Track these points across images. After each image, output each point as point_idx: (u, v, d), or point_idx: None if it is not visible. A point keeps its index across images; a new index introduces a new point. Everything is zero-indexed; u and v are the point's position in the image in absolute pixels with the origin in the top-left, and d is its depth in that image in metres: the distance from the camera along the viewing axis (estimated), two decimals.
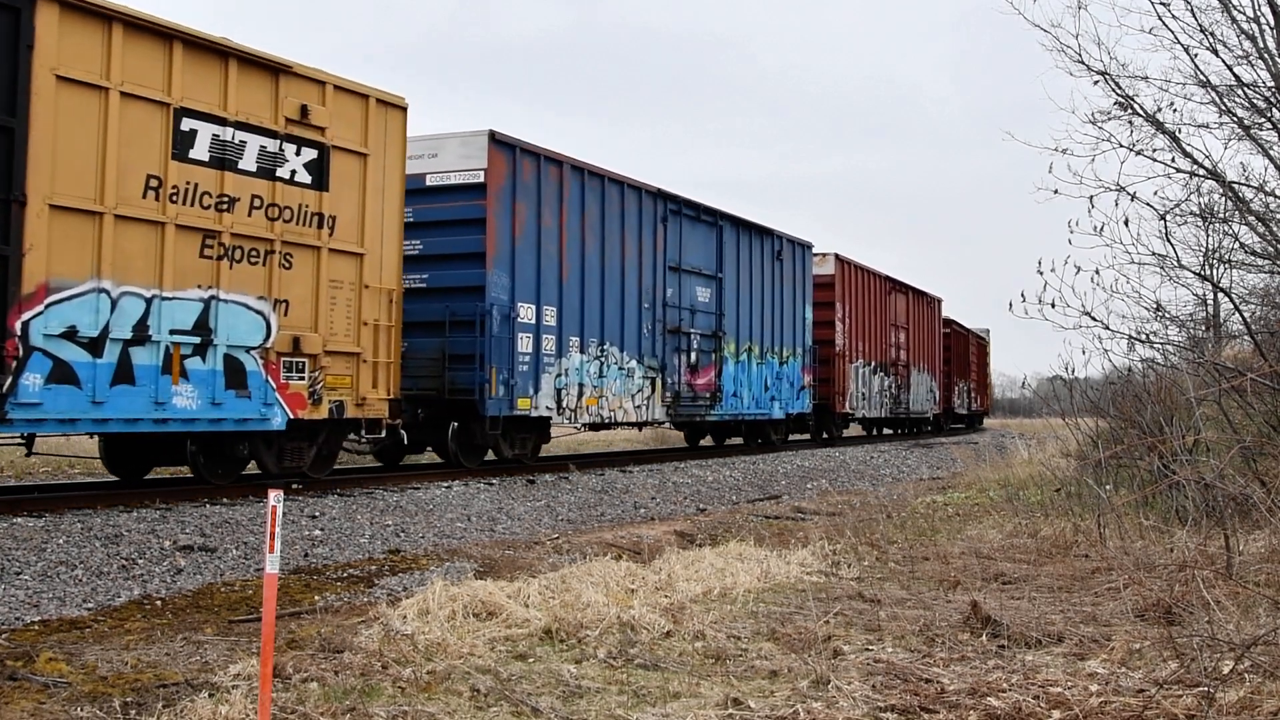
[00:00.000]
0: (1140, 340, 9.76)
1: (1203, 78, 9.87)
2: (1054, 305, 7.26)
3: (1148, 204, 8.70)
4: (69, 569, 7.48)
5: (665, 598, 6.95)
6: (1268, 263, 11.99)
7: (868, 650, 5.69)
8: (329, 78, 11.33)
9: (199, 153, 10.10)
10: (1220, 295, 13.64)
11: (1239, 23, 9.46)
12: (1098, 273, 7.67)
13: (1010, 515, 11.09)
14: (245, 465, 11.57)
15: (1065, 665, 5.31)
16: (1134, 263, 8.88)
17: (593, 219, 16.05)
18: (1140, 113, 9.63)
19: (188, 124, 10.00)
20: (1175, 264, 10.93)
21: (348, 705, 4.56)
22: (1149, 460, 9.65)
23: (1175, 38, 9.59)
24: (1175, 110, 10.98)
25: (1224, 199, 10.73)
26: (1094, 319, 7.50)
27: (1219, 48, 9.59)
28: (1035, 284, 7.33)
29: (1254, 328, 10.69)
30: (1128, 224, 11.66)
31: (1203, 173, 9.80)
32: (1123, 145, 9.45)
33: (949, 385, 37.34)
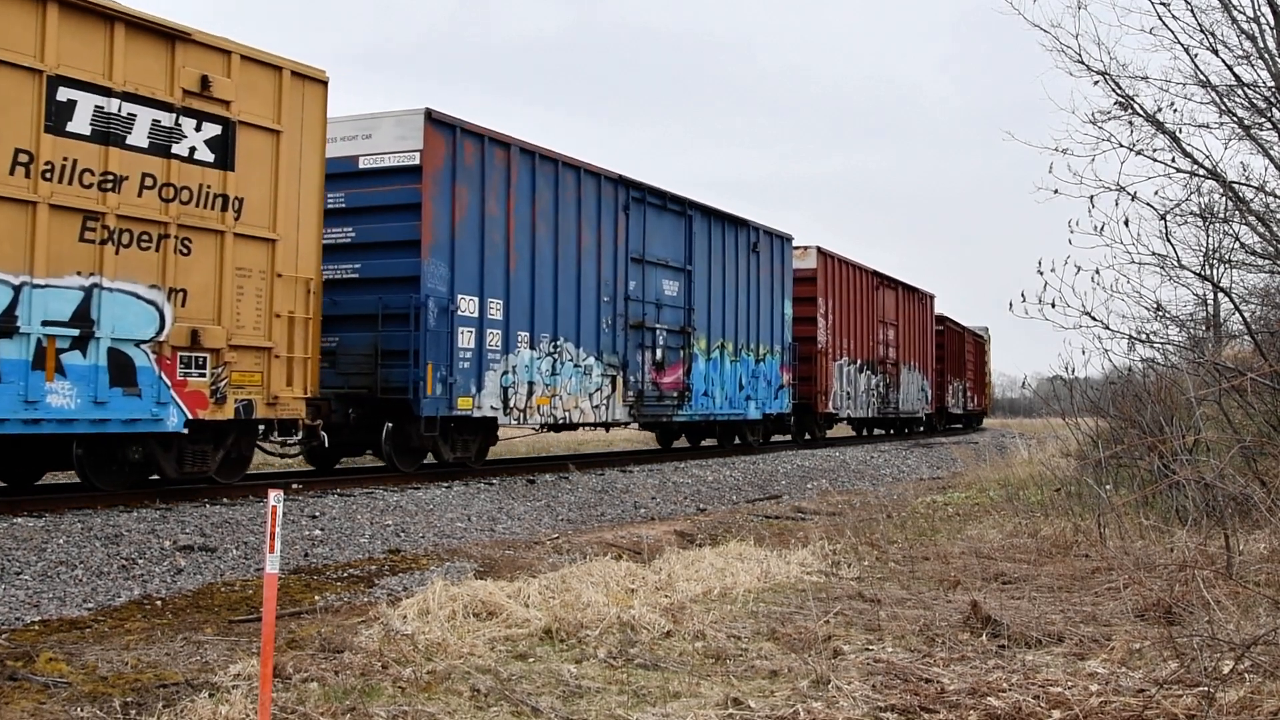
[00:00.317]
0: (1140, 340, 9.78)
1: (1203, 78, 9.88)
2: (1054, 305, 7.28)
3: (1148, 204, 8.72)
4: (69, 569, 7.48)
5: (665, 598, 6.95)
6: (1268, 263, 11.99)
7: (868, 650, 5.69)
8: (235, 46, 10.36)
9: (79, 126, 9.14)
10: (1220, 295, 13.65)
11: (1239, 23, 9.47)
12: (1098, 273, 7.69)
13: (1010, 515, 11.09)
14: (142, 471, 10.67)
15: (1065, 665, 5.31)
16: (1134, 263, 8.91)
17: (545, 206, 14.96)
18: (1140, 113, 9.63)
19: (65, 94, 9.04)
20: (1175, 264, 10.94)
21: (348, 705, 4.56)
22: (1149, 460, 9.66)
23: (1175, 38, 9.60)
24: (1175, 110, 10.98)
25: (1224, 199, 10.74)
26: (1094, 319, 7.51)
27: (1219, 48, 9.60)
28: (1035, 284, 7.34)
29: (1254, 328, 10.70)
30: (1128, 224, 11.67)
31: (1203, 173, 9.80)
32: (1123, 145, 9.46)
33: (942, 384, 36.38)
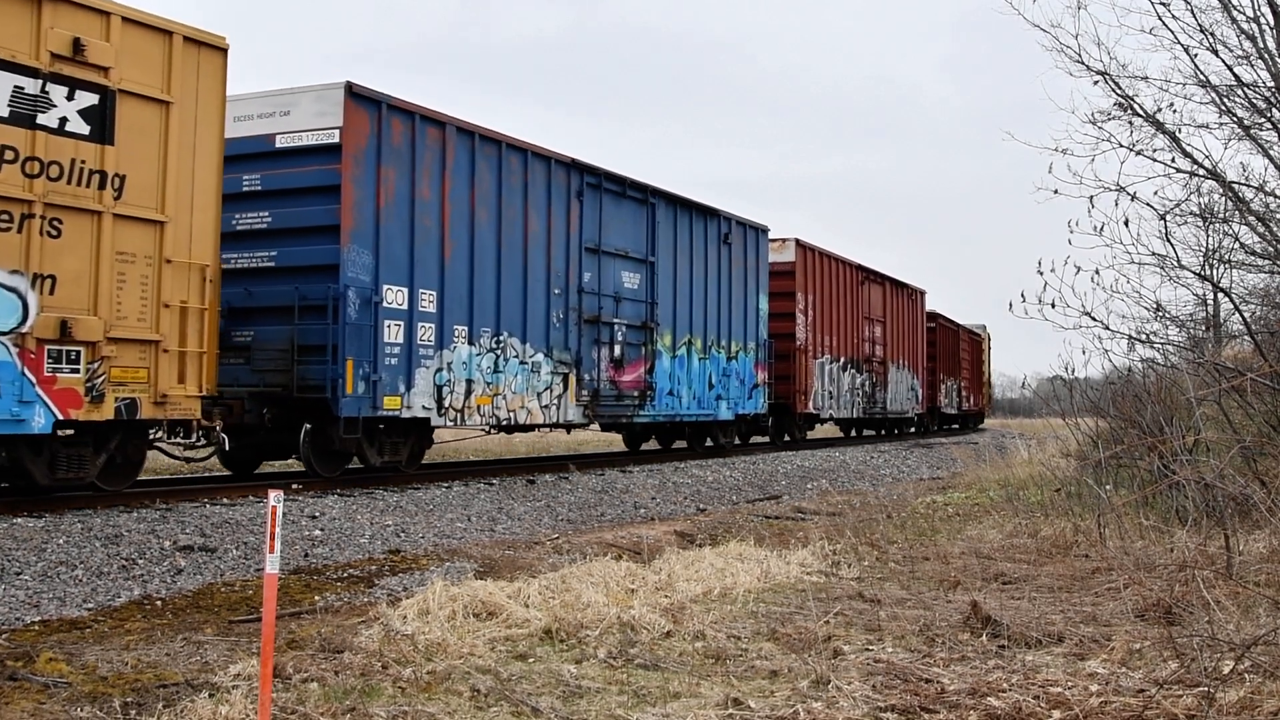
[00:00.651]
0: (1140, 340, 9.79)
1: (1203, 78, 9.88)
2: (1054, 305, 7.28)
3: (1148, 204, 8.73)
4: (69, 569, 7.48)
5: (665, 598, 6.95)
6: (1268, 263, 11.99)
7: (868, 650, 5.69)
8: (114, 7, 9.44)
9: None
10: (1220, 295, 13.65)
11: (1239, 23, 9.47)
12: (1098, 273, 7.70)
13: (1010, 515, 11.09)
14: (9, 476, 9.73)
15: (1065, 665, 5.31)
16: (1134, 263, 8.91)
17: (486, 191, 13.94)
18: (1140, 113, 9.64)
19: None
20: (1175, 264, 10.95)
21: (348, 705, 4.56)
22: (1149, 460, 9.66)
23: (1175, 38, 9.60)
24: (1175, 110, 10.97)
25: (1224, 199, 10.75)
26: (1094, 319, 7.51)
27: (1219, 48, 9.60)
28: (1035, 284, 7.34)
29: (1254, 328, 10.70)
30: (1128, 224, 11.66)
31: (1203, 173, 9.81)
32: (1123, 145, 9.46)
33: (934, 383, 35.30)
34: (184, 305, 9.97)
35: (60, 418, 9.06)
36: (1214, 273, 12.93)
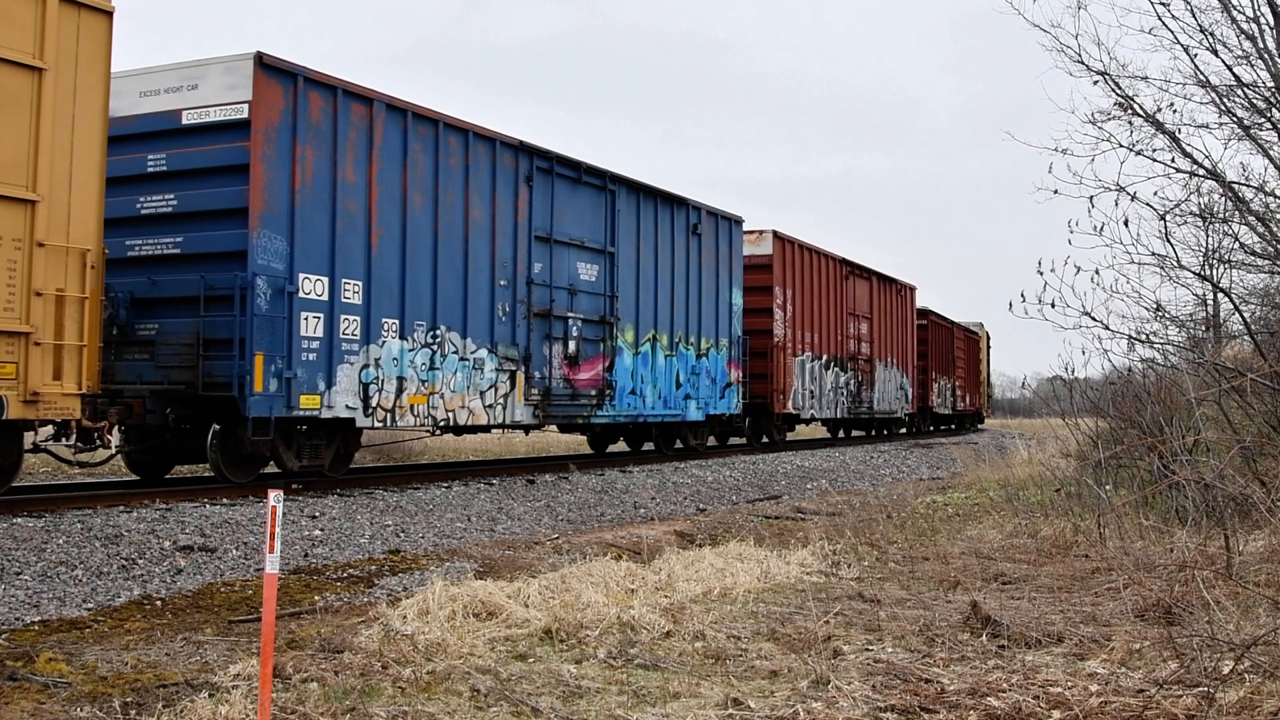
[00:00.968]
0: (1140, 340, 9.79)
1: (1203, 78, 9.87)
2: (1054, 305, 7.29)
3: (1148, 204, 8.73)
4: (69, 569, 7.48)
5: (665, 598, 6.96)
6: (1268, 263, 11.99)
7: (868, 650, 5.69)
8: None
9: None
10: (1220, 295, 13.64)
11: (1239, 23, 9.47)
12: (1098, 273, 7.71)
13: (1010, 515, 11.10)
14: None
15: (1065, 665, 5.31)
16: (1134, 263, 8.89)
17: (422, 174, 12.96)
18: (1140, 113, 9.63)
19: None
20: (1175, 264, 10.92)
21: (348, 705, 4.56)
22: (1149, 460, 9.66)
23: (1175, 38, 9.60)
24: (1175, 110, 10.96)
25: (1224, 199, 10.73)
26: (1094, 319, 7.52)
27: (1219, 48, 9.59)
28: (1035, 284, 7.35)
29: (1254, 328, 10.71)
30: (1128, 224, 11.68)
31: (1203, 173, 9.80)
32: (1123, 145, 9.46)
33: (926, 382, 34.27)
34: (61, 294, 8.96)
35: None
36: (1214, 273, 12.91)
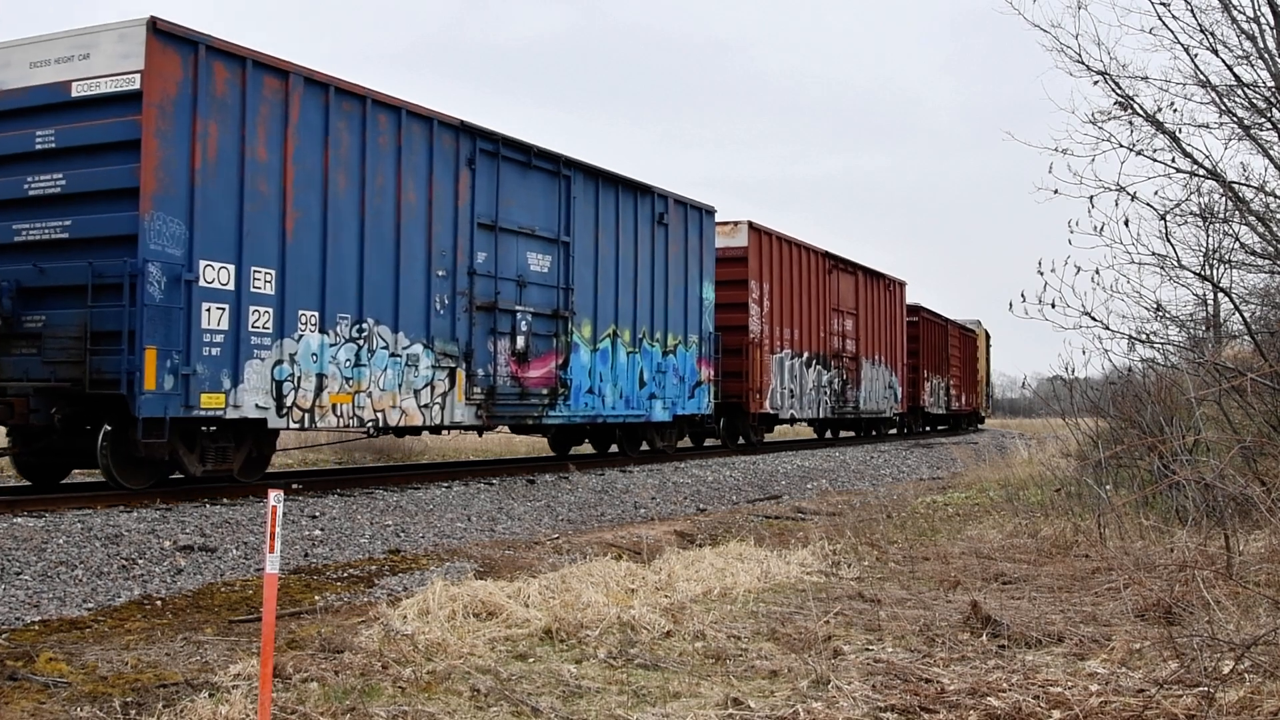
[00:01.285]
0: (1140, 340, 9.78)
1: (1203, 78, 9.87)
2: (1054, 305, 7.28)
3: (1148, 204, 8.71)
4: (69, 569, 7.48)
5: (665, 598, 6.96)
6: (1268, 263, 11.99)
7: (868, 650, 5.69)
8: None
9: None
10: (1220, 295, 13.64)
11: (1239, 23, 9.46)
12: (1098, 273, 7.69)
13: (1010, 515, 11.09)
14: None
15: (1065, 665, 5.31)
16: (1134, 263, 8.89)
17: (347, 154, 11.87)
18: (1140, 113, 9.63)
19: None
20: (1175, 264, 10.91)
21: (348, 705, 4.56)
22: (1149, 460, 9.66)
23: (1175, 38, 9.59)
24: (1175, 110, 10.95)
25: (1224, 199, 10.74)
26: (1094, 319, 7.51)
27: (1219, 48, 9.59)
28: (1035, 284, 7.34)
29: (1254, 328, 10.71)
30: (1128, 224, 11.68)
31: (1203, 173, 9.80)
32: (1123, 145, 9.45)
33: (917, 381, 32.97)
34: None
35: None
36: (1214, 273, 12.92)
